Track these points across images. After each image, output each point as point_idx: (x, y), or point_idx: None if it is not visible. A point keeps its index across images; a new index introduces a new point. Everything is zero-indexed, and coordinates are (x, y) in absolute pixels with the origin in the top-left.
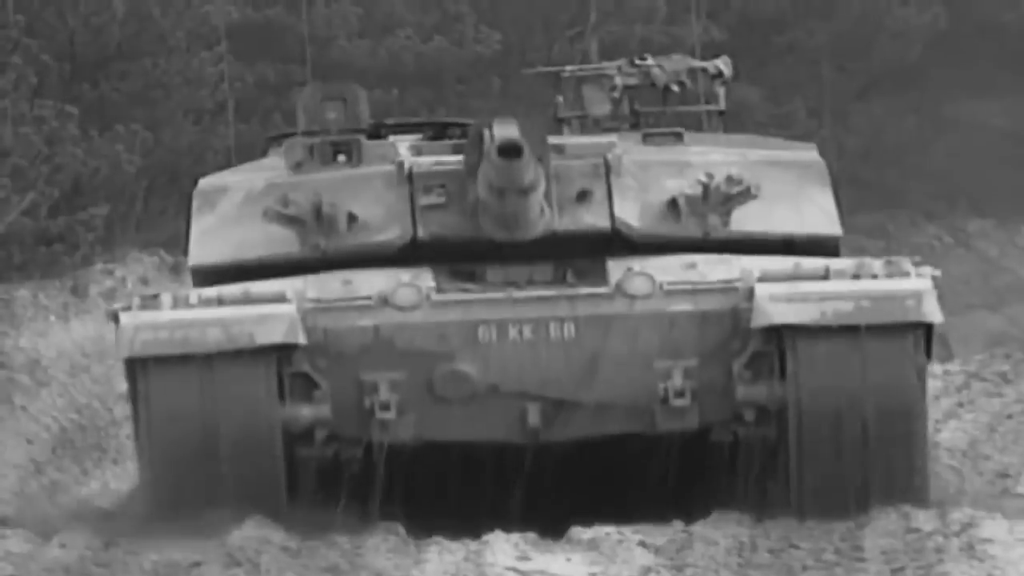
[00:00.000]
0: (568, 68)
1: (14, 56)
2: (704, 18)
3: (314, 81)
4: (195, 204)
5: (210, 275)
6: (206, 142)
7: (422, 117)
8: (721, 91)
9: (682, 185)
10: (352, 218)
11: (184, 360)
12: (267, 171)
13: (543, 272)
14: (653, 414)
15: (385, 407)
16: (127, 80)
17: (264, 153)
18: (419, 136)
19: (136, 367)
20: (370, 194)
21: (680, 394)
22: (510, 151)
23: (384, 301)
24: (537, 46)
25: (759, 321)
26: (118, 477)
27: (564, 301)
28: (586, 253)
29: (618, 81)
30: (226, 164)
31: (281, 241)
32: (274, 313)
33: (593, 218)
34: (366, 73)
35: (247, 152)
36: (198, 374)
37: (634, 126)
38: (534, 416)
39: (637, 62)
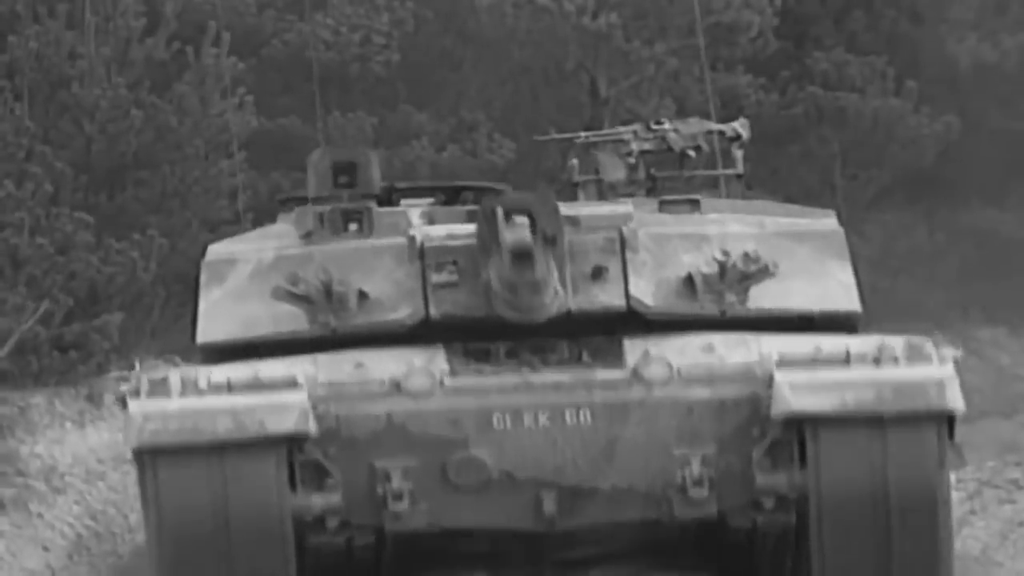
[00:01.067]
0: (583, 134)
1: (30, 164)
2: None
3: (325, 146)
4: (203, 277)
5: (218, 353)
6: None
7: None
8: (739, 154)
9: (699, 260)
10: (363, 296)
11: (194, 450)
12: (276, 240)
13: (558, 352)
14: (671, 501)
15: (398, 496)
16: (143, 188)
17: (274, 218)
18: (431, 201)
19: (145, 457)
20: (381, 270)
21: (698, 482)
22: (522, 256)
23: (396, 387)
24: (551, 155)
25: (779, 410)
26: None
27: (580, 388)
28: (601, 331)
29: (634, 147)
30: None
31: (290, 319)
32: (285, 402)
33: (608, 297)
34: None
35: None
36: (207, 464)
37: (650, 191)
38: (550, 503)
39: (653, 127)
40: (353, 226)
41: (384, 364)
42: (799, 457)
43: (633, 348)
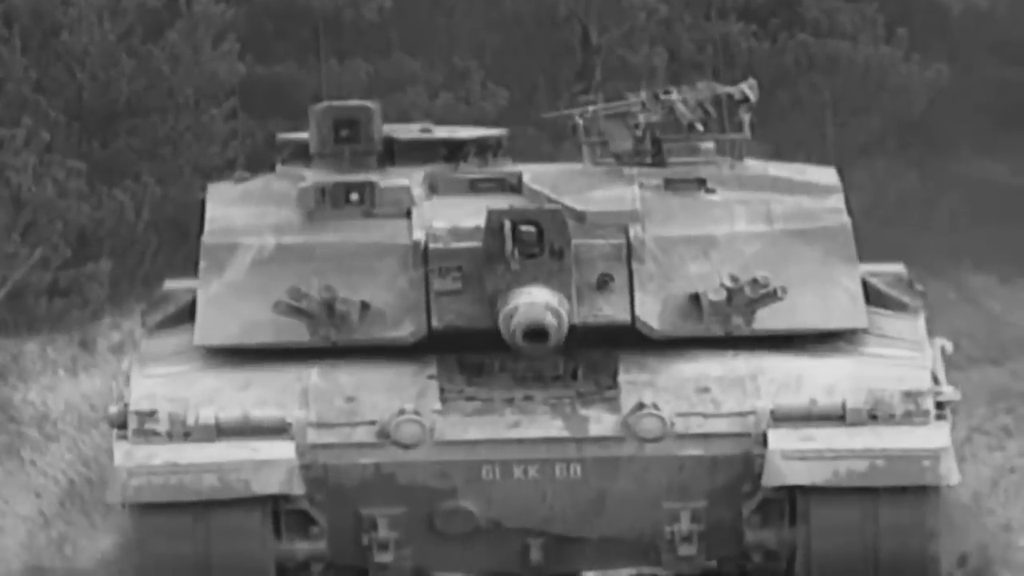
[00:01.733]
0: (591, 108)
1: (24, 114)
2: (709, 76)
3: (327, 102)
4: (203, 263)
5: (217, 355)
6: None
7: (431, 125)
8: (747, 118)
9: (706, 269)
10: (364, 307)
11: (178, 505)
12: (276, 216)
13: (553, 366)
14: (659, 552)
15: (383, 545)
16: (135, 136)
17: (273, 164)
18: (431, 163)
19: (128, 508)
20: (384, 274)
21: (687, 538)
22: (536, 336)
23: (385, 436)
24: (542, 102)
25: (771, 481)
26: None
27: (571, 443)
28: (603, 340)
29: (641, 119)
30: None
31: (291, 330)
32: (271, 460)
33: (613, 310)
34: None
35: None
36: (192, 517)
37: (656, 159)
38: (536, 552)
39: (661, 96)
40: (355, 196)
41: (376, 397)
42: (790, 514)
43: (629, 368)
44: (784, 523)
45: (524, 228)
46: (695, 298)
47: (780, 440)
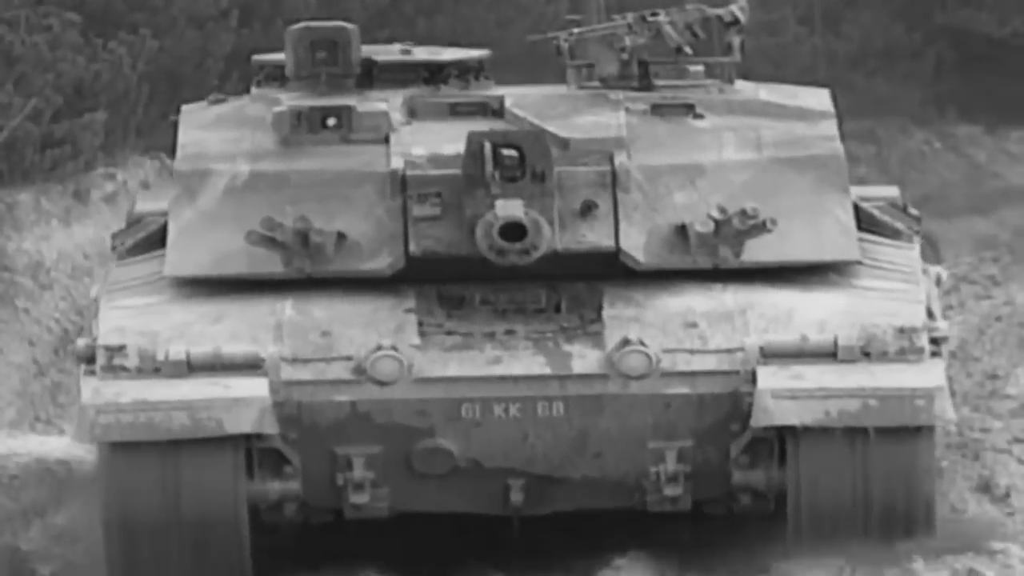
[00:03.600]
0: (575, 30)
1: None
2: None
3: (304, 23)
4: (174, 191)
5: (188, 286)
6: (208, 48)
7: (411, 46)
8: (736, 40)
9: (693, 199)
10: (340, 238)
11: (147, 444)
12: (251, 142)
13: (535, 298)
14: (644, 492)
15: (359, 487)
16: None
17: (247, 88)
18: (411, 86)
19: (96, 447)
20: (361, 203)
21: (673, 478)
22: (513, 233)
23: (362, 372)
24: (527, 24)
25: (760, 421)
26: None
27: (553, 380)
28: (587, 269)
29: (628, 42)
30: (221, 75)
31: (264, 261)
32: (244, 398)
33: (596, 237)
34: None
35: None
36: (161, 457)
37: (642, 82)
38: (517, 492)
39: (648, 18)
40: (332, 120)
41: (352, 331)
42: (779, 454)
43: (613, 308)
44: (773, 464)
45: (505, 151)
46: (681, 229)
47: (769, 378)
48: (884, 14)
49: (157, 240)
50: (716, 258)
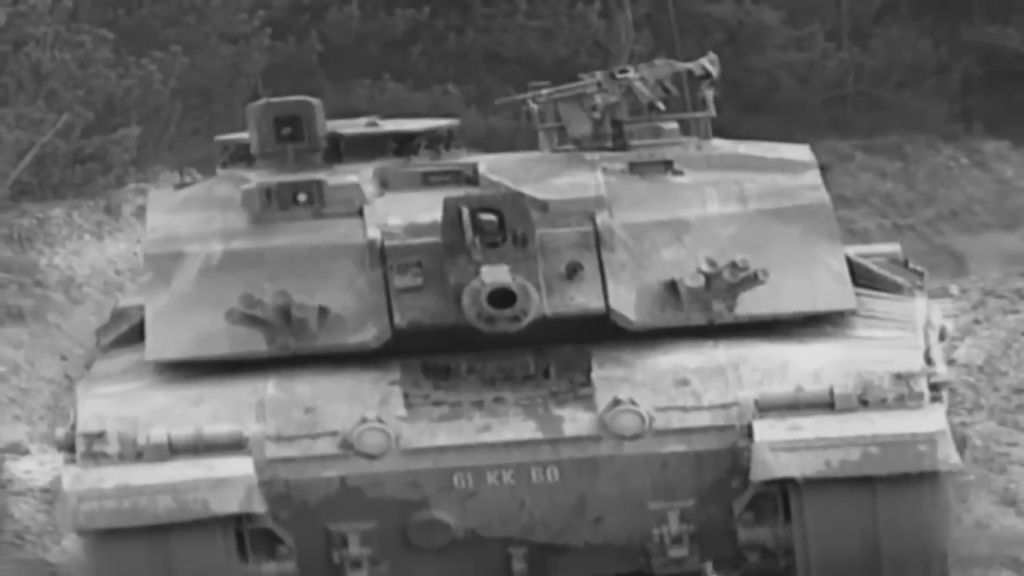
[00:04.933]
0: (544, 91)
1: None
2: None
3: (264, 99)
4: (147, 276)
5: (169, 370)
6: (239, 65)
7: (377, 119)
8: (710, 94)
9: (681, 256)
10: (323, 312)
11: (134, 530)
12: (222, 222)
13: (523, 365)
14: (649, 556)
15: (356, 564)
16: (161, 3)
17: (217, 166)
18: (380, 159)
19: (81, 536)
20: (341, 276)
21: (677, 540)
22: (502, 300)
23: (349, 447)
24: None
25: (760, 475)
26: None
27: (546, 445)
28: (577, 332)
29: (598, 100)
30: (255, 90)
31: (247, 339)
32: (229, 477)
33: (585, 299)
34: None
35: (277, 75)
36: (149, 543)
37: (617, 142)
38: (519, 562)
39: (618, 76)
40: (302, 196)
41: (336, 406)
42: (784, 509)
43: (602, 363)
44: (779, 519)
45: (484, 216)
46: (672, 285)
47: (766, 431)
48: (912, 30)
49: (138, 332)
50: (710, 313)
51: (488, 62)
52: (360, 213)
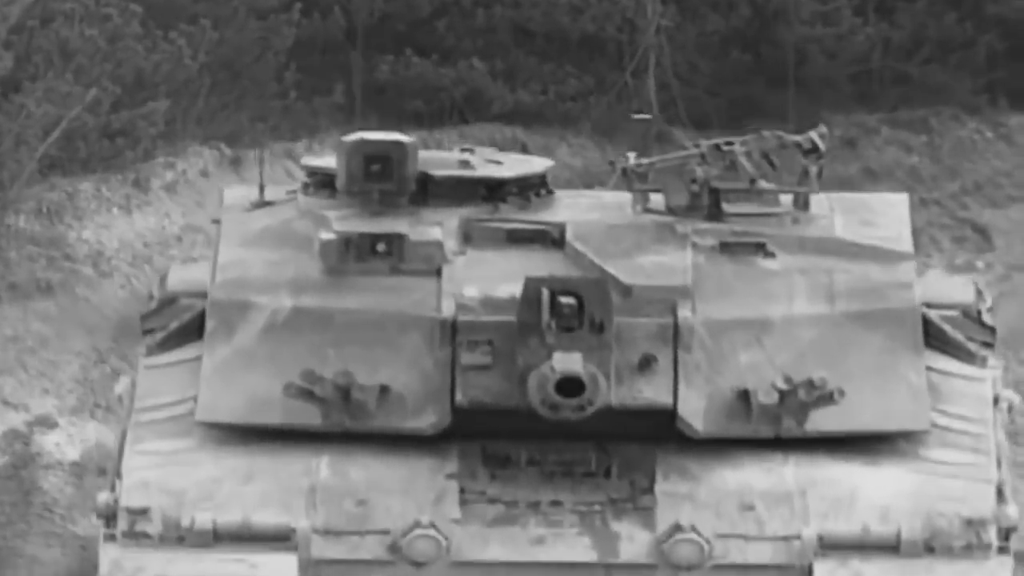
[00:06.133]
0: (645, 160)
1: None
2: None
3: (360, 135)
4: (210, 322)
5: (221, 432)
6: (268, 40)
7: (472, 151)
8: (814, 170)
9: (758, 360)
10: (384, 390)
11: None
12: (294, 265)
13: (584, 460)
14: None
15: None
16: None
17: (295, 191)
18: (468, 204)
19: None
20: (408, 351)
21: None
22: (570, 388)
23: (397, 551)
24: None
25: None
26: None
27: (600, 569)
28: (640, 429)
29: (699, 173)
30: (285, 65)
31: (302, 412)
32: (274, 573)
33: (654, 393)
34: None
35: (306, 50)
36: None
37: (712, 211)
38: None
39: (723, 147)
40: (381, 246)
41: (390, 500)
42: None
43: (667, 482)
44: None
45: (563, 299)
46: (743, 395)
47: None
48: (937, 3)
49: (192, 330)
50: (779, 428)
51: (515, 35)
52: (438, 273)
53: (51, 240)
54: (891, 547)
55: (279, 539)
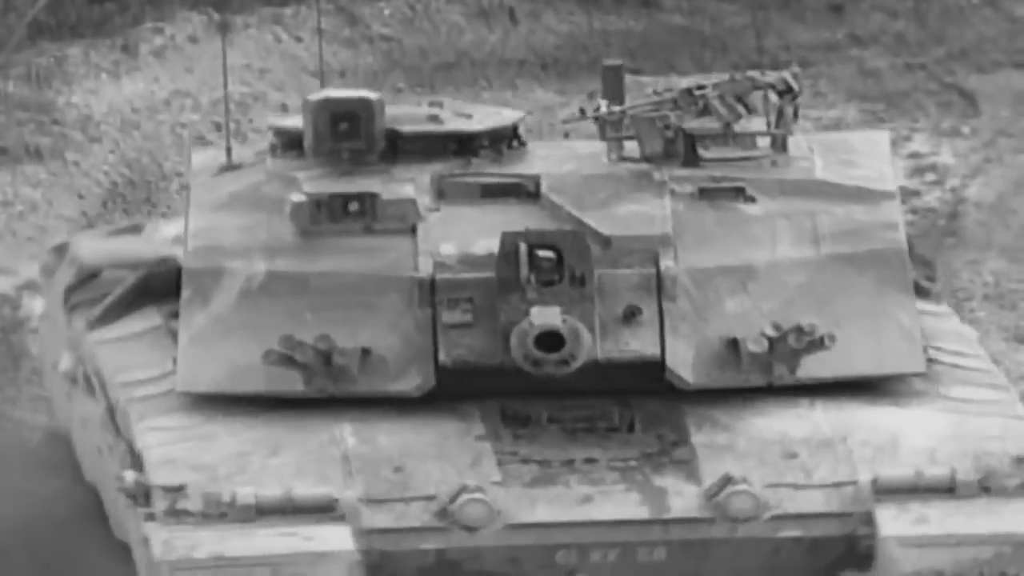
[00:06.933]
0: (617, 108)
1: None
2: None
3: (323, 92)
4: (185, 291)
5: (202, 402)
6: None
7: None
8: (790, 111)
9: (745, 308)
10: (365, 353)
11: None
12: (266, 229)
13: (606, 415)
14: None
15: None
16: None
17: (264, 152)
18: (440, 160)
19: None
20: (387, 312)
21: None
22: (549, 343)
23: (446, 516)
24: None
25: (887, 571)
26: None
27: (656, 525)
28: (629, 382)
29: (673, 120)
30: None
31: (283, 378)
32: (331, 552)
33: (640, 345)
34: None
35: None
36: None
37: (689, 156)
38: None
39: (696, 92)
40: (354, 206)
41: (427, 467)
42: None
43: (701, 433)
44: None
45: (542, 253)
46: (732, 344)
47: (892, 523)
48: None
49: (130, 302)
50: (770, 376)
51: None
52: (413, 231)
53: (40, 105)
54: (946, 489)
55: (323, 510)
